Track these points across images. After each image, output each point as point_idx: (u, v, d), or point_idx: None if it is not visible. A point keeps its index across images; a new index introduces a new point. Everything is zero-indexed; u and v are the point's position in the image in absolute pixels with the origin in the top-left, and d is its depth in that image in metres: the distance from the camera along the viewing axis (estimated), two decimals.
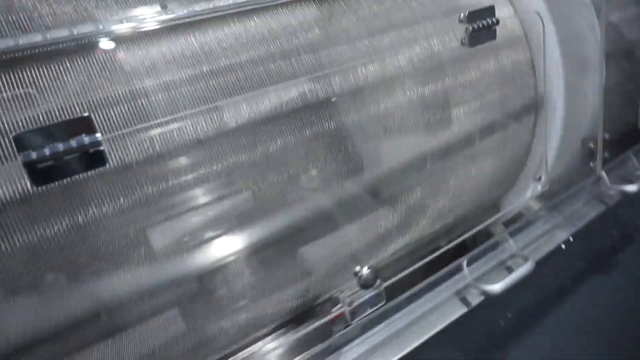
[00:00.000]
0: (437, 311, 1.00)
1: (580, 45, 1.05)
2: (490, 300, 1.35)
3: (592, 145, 1.06)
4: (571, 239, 1.24)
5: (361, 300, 0.72)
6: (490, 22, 0.79)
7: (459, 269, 1.03)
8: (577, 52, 1.05)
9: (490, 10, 0.79)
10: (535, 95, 1.05)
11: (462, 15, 0.77)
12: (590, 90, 1.08)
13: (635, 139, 1.26)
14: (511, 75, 1.03)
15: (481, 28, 0.78)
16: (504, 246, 1.12)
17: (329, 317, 0.70)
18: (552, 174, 1.12)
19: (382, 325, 0.86)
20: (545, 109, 1.03)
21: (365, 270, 0.70)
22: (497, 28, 1.01)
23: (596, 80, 1.06)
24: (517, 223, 1.13)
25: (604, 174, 1.31)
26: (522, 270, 1.04)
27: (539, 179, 1.01)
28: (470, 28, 0.77)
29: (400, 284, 0.98)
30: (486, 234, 1.18)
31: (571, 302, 1.78)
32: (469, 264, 1.05)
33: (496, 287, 1.01)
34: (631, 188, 1.27)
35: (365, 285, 0.71)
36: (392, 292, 0.96)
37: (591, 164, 1.07)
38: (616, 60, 1.17)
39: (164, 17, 0.65)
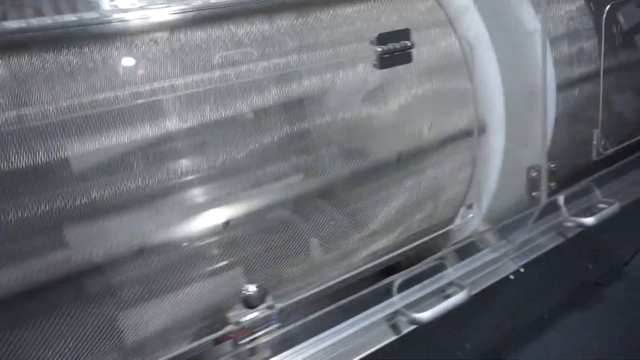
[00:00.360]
0: (364, 336, 0.98)
1: (525, 73, 1.04)
2: (456, 328, 1.32)
3: (534, 174, 1.04)
4: (522, 269, 1.21)
5: (249, 320, 0.71)
6: (403, 44, 0.78)
7: (389, 292, 1.02)
8: (521, 79, 1.04)
9: (404, 33, 0.78)
10: (475, 123, 1.03)
11: (373, 37, 0.76)
12: (537, 120, 1.06)
13: (595, 169, 1.23)
14: (449, 102, 1.02)
15: (393, 50, 0.77)
16: (445, 272, 1.10)
17: (213, 336, 0.69)
18: (495, 203, 1.10)
19: (291, 351, 0.85)
20: (478, 136, 1.02)
21: (251, 289, 0.69)
22: (435, 53, 1.01)
23: (541, 110, 1.04)
24: (453, 247, 1.10)
25: (562, 204, 1.28)
26: (455, 299, 1.02)
27: (470, 206, 0.99)
28: (381, 50, 0.76)
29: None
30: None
31: (547, 337, 1.74)
32: (403, 288, 1.04)
33: (424, 316, 0.99)
34: (588, 221, 1.23)
35: (250, 304, 0.70)
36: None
37: (534, 194, 1.05)
38: (572, 91, 1.15)
39: None
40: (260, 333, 0.74)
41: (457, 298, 1.02)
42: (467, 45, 0.99)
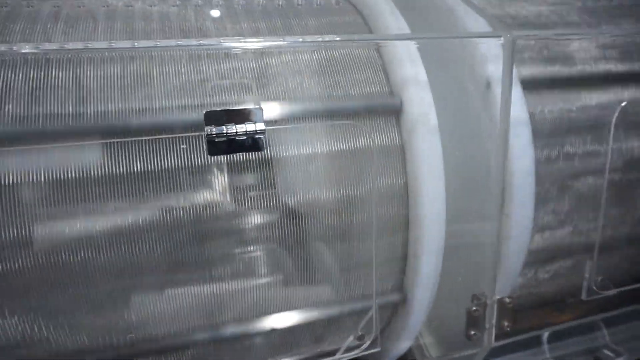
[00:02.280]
0: None
1: (481, 180, 0.80)
2: None
3: (475, 308, 0.78)
4: None
5: None
6: (252, 130, 0.59)
7: None
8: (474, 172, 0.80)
9: (244, 115, 0.58)
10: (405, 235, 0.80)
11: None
12: (489, 236, 0.81)
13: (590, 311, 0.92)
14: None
15: (234, 134, 0.58)
16: None
17: None
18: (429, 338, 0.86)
19: None
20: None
21: None
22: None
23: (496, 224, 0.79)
24: None
25: (544, 341, 0.98)
26: None
27: (360, 337, 0.75)
28: (209, 132, 0.57)
29: None
30: None
31: None
32: None
33: None
34: None
35: None
36: None
37: (472, 333, 0.79)
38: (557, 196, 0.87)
39: None
40: None
41: None
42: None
